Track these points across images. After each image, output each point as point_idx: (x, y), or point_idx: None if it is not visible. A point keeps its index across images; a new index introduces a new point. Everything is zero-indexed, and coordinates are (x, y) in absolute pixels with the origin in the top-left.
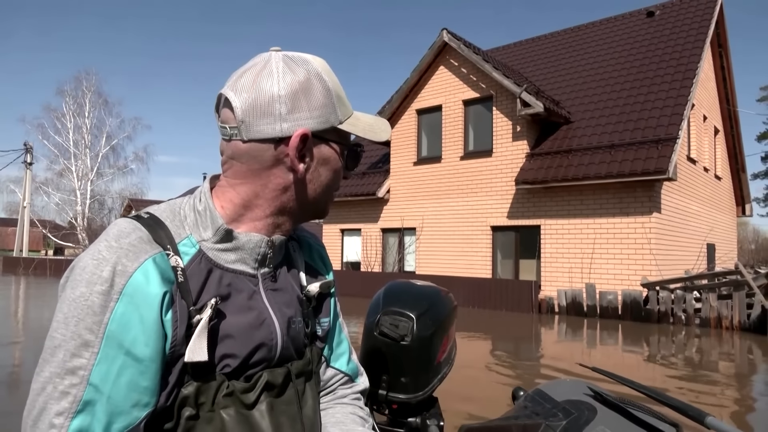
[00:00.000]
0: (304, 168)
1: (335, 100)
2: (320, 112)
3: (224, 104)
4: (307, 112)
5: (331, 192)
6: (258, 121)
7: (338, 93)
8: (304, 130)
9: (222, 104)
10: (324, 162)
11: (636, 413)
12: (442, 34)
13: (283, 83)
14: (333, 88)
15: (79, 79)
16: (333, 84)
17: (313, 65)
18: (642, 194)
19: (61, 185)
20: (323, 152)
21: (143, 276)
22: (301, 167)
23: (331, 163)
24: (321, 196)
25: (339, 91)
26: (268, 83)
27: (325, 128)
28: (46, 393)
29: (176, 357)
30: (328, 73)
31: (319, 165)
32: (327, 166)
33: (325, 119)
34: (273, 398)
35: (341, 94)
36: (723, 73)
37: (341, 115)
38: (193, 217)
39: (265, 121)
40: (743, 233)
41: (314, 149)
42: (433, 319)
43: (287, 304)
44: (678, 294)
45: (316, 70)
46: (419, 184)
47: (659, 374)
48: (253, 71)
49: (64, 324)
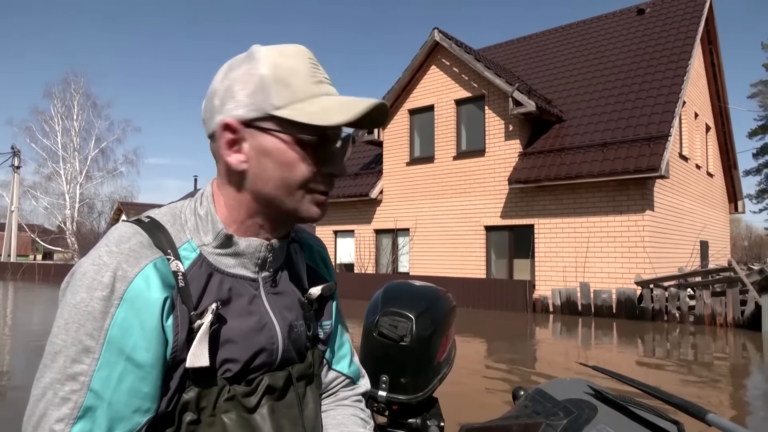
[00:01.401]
0: (241, 160)
1: (271, 86)
2: (251, 99)
3: None
4: (235, 101)
5: (289, 187)
6: (206, 117)
7: (281, 77)
8: (227, 119)
9: None
10: (265, 153)
11: (637, 411)
12: (433, 33)
13: (222, 77)
14: (272, 73)
15: (67, 81)
16: (276, 69)
17: (256, 54)
18: (635, 192)
19: (49, 189)
20: (263, 143)
21: (144, 281)
22: (235, 159)
23: (275, 154)
24: (276, 192)
25: (286, 75)
26: (213, 81)
27: (256, 116)
28: (47, 399)
29: (177, 362)
30: (275, 58)
31: (260, 156)
32: (270, 157)
33: (256, 107)
34: (274, 402)
35: (289, 79)
36: (713, 70)
37: (280, 100)
38: (194, 221)
39: (208, 117)
40: (736, 230)
41: (252, 140)
42: (432, 319)
43: (288, 307)
44: (672, 291)
45: (255, 57)
46: (412, 184)
47: (655, 372)
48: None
49: (64, 330)
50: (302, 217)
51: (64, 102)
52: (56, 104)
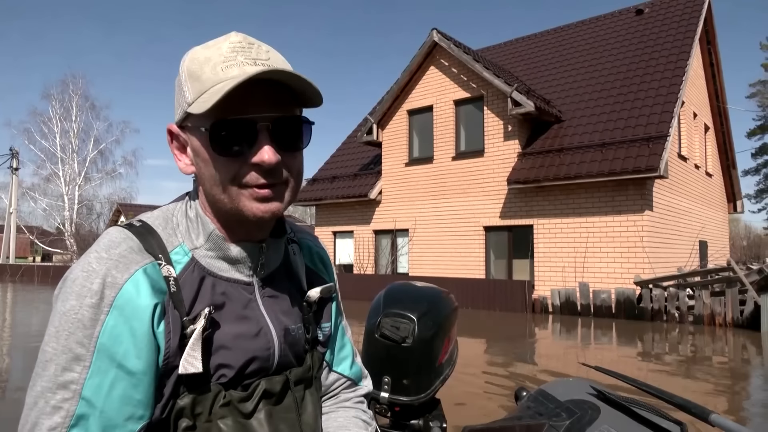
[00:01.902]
0: (186, 163)
1: (185, 83)
2: (176, 102)
3: None
4: (175, 106)
5: (220, 185)
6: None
7: (193, 71)
8: (168, 126)
9: None
10: (195, 153)
11: (639, 412)
12: (432, 34)
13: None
14: (186, 69)
15: (66, 83)
16: (190, 63)
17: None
18: (634, 192)
19: (48, 190)
20: (192, 143)
21: (134, 287)
22: (181, 164)
23: (199, 152)
24: (213, 191)
25: (197, 67)
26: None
27: (180, 118)
28: (39, 408)
29: (170, 369)
30: (195, 52)
31: (195, 158)
32: (199, 156)
33: (179, 107)
34: (271, 406)
35: (200, 71)
36: (712, 70)
37: (191, 96)
38: (185, 224)
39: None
40: (735, 230)
41: (189, 142)
42: (434, 320)
43: (286, 311)
44: (671, 291)
45: (182, 59)
46: (411, 185)
47: (654, 372)
48: None
49: (55, 338)
50: (246, 216)
51: (62, 103)
52: (55, 105)
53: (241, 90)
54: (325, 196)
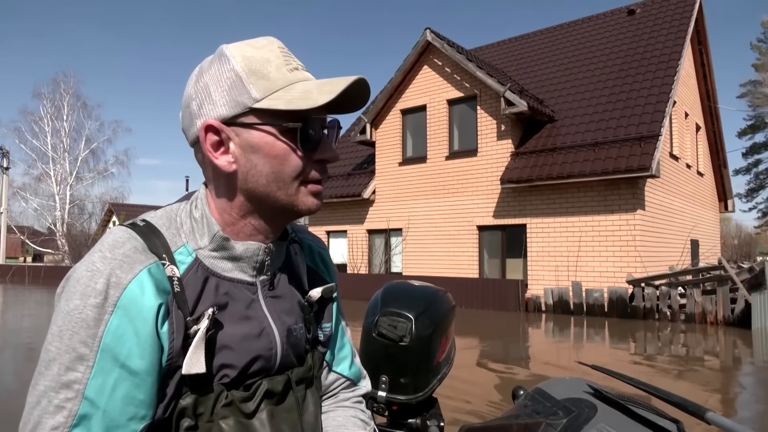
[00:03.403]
0: (229, 161)
1: (247, 79)
2: (229, 97)
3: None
4: (213, 102)
5: (283, 180)
6: (186, 126)
7: (255, 69)
8: (208, 121)
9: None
10: (254, 149)
11: (636, 410)
12: (425, 33)
13: (195, 82)
14: (245, 66)
15: (57, 82)
16: (247, 62)
17: (226, 51)
18: (626, 191)
19: (39, 190)
20: (249, 139)
21: (138, 287)
22: (223, 161)
23: (264, 148)
24: (269, 188)
25: (259, 66)
26: (186, 87)
27: (237, 113)
28: (41, 407)
29: (173, 369)
30: (245, 52)
31: (249, 153)
32: (260, 152)
33: (235, 103)
34: (273, 406)
35: (264, 69)
36: (703, 70)
37: (258, 92)
38: (190, 224)
39: (188, 125)
40: (726, 229)
41: (237, 138)
42: (432, 319)
43: (287, 311)
44: (663, 290)
45: (225, 54)
46: (405, 184)
47: (647, 370)
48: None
49: (58, 337)
50: (300, 210)
51: (53, 102)
52: (46, 105)
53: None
54: None
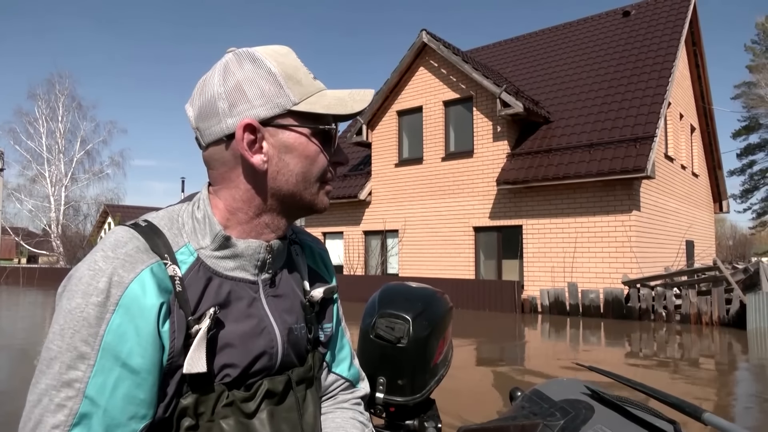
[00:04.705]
0: (263, 160)
1: (284, 83)
2: (266, 98)
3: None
4: (249, 102)
5: (309, 180)
6: (207, 124)
7: (290, 74)
8: (247, 120)
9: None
10: (288, 149)
11: (633, 411)
12: (421, 35)
13: (222, 80)
14: (281, 71)
15: (52, 82)
16: (282, 67)
17: (256, 54)
18: (621, 193)
19: (34, 191)
20: (284, 139)
21: (139, 287)
22: (258, 160)
23: (297, 149)
24: (297, 187)
25: (292, 72)
26: (210, 85)
27: (276, 114)
28: (42, 405)
29: (174, 368)
30: (275, 57)
31: (282, 153)
32: (293, 153)
33: (274, 104)
34: (273, 406)
35: (296, 75)
36: (698, 71)
37: (295, 96)
38: (191, 224)
39: (212, 123)
40: (721, 229)
41: (271, 138)
42: (429, 320)
43: (289, 310)
44: (658, 291)
45: (258, 58)
46: (401, 185)
47: (643, 371)
48: (203, 79)
49: (60, 335)
50: (317, 208)
51: (48, 103)
52: (41, 105)
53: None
54: None
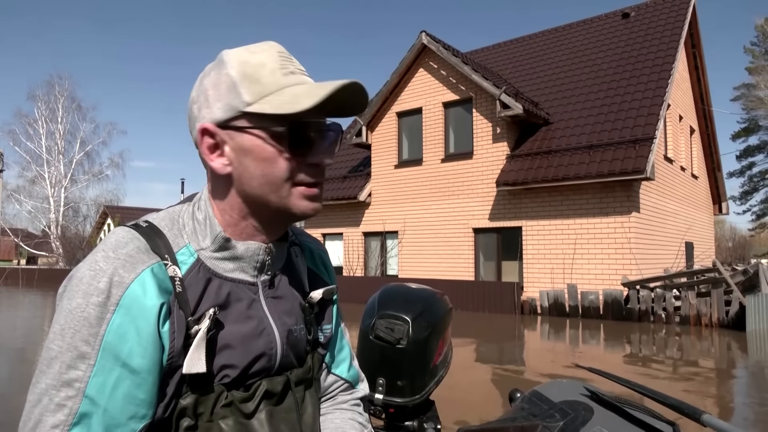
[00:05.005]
0: (224, 163)
1: (240, 83)
2: (223, 101)
3: None
4: (209, 106)
5: (274, 183)
6: (191, 127)
7: (249, 74)
8: (203, 124)
9: None
10: (245, 152)
11: (633, 412)
12: (421, 36)
13: (198, 85)
14: (240, 71)
15: (51, 84)
16: (243, 66)
17: (224, 56)
18: (621, 194)
19: (33, 192)
20: (241, 142)
21: (140, 287)
22: (218, 164)
23: (254, 151)
24: (261, 190)
25: (253, 71)
26: (192, 91)
27: (230, 116)
28: (42, 405)
29: (174, 368)
30: (242, 57)
31: (241, 156)
32: (250, 155)
33: (229, 107)
34: (272, 407)
35: (258, 74)
36: (697, 73)
37: (250, 96)
38: (192, 225)
39: (191, 126)
40: (720, 231)
41: (231, 141)
42: (429, 321)
43: (288, 311)
44: (658, 292)
45: (223, 60)
46: (400, 187)
47: (642, 372)
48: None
49: (60, 335)
50: (294, 213)
51: (48, 104)
52: (40, 107)
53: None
54: None
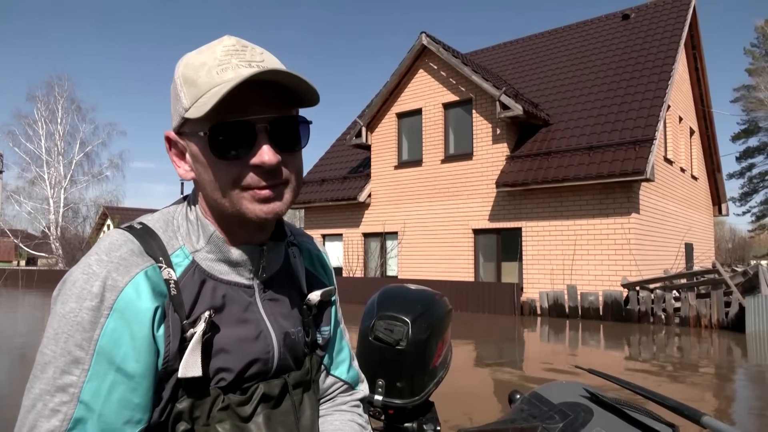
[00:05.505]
0: (186, 169)
1: (181, 88)
2: (173, 109)
3: None
4: (172, 114)
5: (222, 189)
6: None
7: (189, 76)
8: (165, 133)
9: None
10: (195, 159)
11: (632, 414)
12: (421, 37)
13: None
14: (182, 74)
15: (51, 85)
16: (185, 69)
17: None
18: (621, 195)
19: (33, 193)
20: (192, 149)
21: (134, 291)
22: (181, 170)
23: (198, 157)
24: (214, 195)
25: (192, 73)
26: None
27: (178, 123)
28: (37, 410)
29: (169, 372)
30: (187, 60)
31: (195, 163)
32: (198, 162)
33: (176, 113)
34: (270, 410)
35: (195, 76)
36: (697, 74)
37: (188, 100)
38: (186, 226)
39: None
40: (720, 232)
41: (189, 148)
42: (428, 323)
43: (285, 314)
44: (658, 294)
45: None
46: (400, 187)
47: (642, 374)
48: None
49: (54, 340)
50: (249, 218)
51: (47, 105)
52: (40, 108)
53: (237, 92)
54: (313, 198)
